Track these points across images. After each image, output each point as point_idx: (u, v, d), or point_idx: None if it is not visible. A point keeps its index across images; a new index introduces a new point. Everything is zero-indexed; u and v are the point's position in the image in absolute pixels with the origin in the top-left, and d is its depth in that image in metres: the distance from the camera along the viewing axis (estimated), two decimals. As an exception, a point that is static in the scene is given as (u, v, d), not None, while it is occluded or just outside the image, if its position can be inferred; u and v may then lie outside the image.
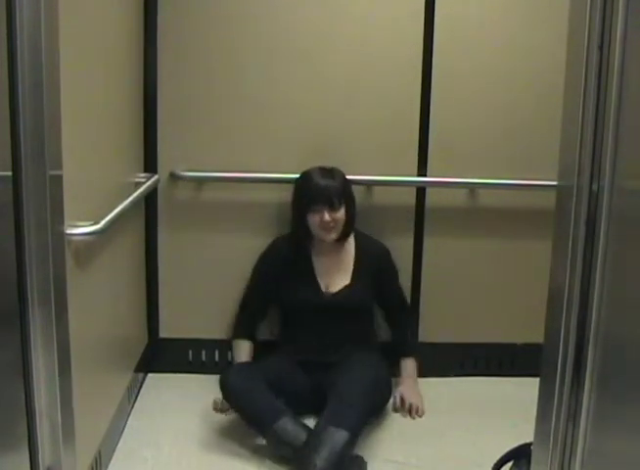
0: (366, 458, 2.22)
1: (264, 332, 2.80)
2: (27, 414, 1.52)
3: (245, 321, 2.73)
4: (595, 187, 1.07)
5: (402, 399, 2.58)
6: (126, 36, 2.40)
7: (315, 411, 2.34)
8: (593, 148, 1.06)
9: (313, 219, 2.49)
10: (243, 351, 2.65)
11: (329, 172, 2.54)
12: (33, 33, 1.41)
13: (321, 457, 2.05)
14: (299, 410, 2.36)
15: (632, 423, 1.00)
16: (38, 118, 1.44)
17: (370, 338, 2.68)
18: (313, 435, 2.14)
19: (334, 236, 2.52)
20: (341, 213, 2.50)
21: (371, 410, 2.34)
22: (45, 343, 1.52)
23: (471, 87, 2.72)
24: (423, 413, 2.56)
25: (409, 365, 2.69)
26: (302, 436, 2.16)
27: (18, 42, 1.39)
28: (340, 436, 2.09)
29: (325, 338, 2.54)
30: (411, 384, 2.65)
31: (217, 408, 2.50)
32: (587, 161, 1.07)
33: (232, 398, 2.33)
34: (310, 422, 2.29)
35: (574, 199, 1.10)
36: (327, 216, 2.46)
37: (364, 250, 2.63)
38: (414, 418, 2.54)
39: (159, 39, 2.63)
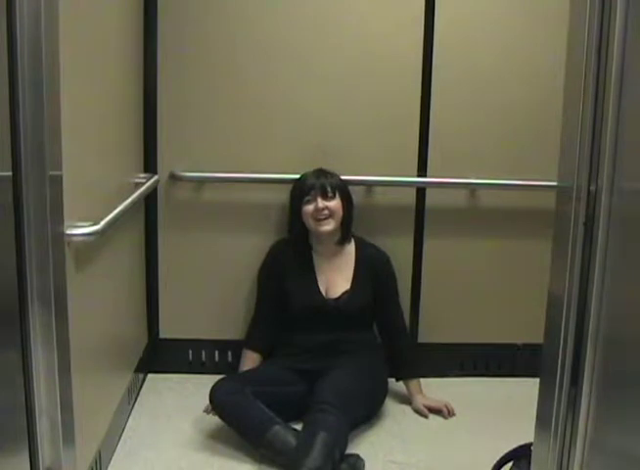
0: (366, 458, 2.22)
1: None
2: (27, 414, 1.52)
3: (255, 333, 2.71)
4: (593, 188, 1.07)
5: (430, 408, 2.58)
6: (126, 36, 2.40)
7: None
8: (591, 149, 1.07)
9: (307, 211, 2.51)
10: (248, 361, 2.64)
11: (322, 171, 2.58)
12: (34, 34, 1.41)
13: (310, 458, 2.04)
14: (295, 416, 2.36)
15: (632, 423, 1.00)
16: (38, 119, 1.44)
17: (369, 340, 2.66)
18: (297, 445, 2.13)
19: (328, 227, 2.51)
20: (335, 203, 2.52)
21: (356, 416, 2.34)
22: (45, 343, 1.52)
23: (470, 88, 2.72)
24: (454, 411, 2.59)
25: (415, 385, 2.64)
26: (295, 443, 2.16)
27: (18, 42, 1.39)
28: (322, 436, 2.08)
29: (323, 341, 2.53)
30: (424, 396, 2.63)
31: (207, 411, 2.50)
32: (586, 162, 1.08)
33: (221, 414, 2.33)
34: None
35: (574, 200, 1.11)
36: (320, 203, 2.49)
37: (364, 255, 2.62)
38: (450, 417, 2.56)
39: (159, 39, 2.63)
